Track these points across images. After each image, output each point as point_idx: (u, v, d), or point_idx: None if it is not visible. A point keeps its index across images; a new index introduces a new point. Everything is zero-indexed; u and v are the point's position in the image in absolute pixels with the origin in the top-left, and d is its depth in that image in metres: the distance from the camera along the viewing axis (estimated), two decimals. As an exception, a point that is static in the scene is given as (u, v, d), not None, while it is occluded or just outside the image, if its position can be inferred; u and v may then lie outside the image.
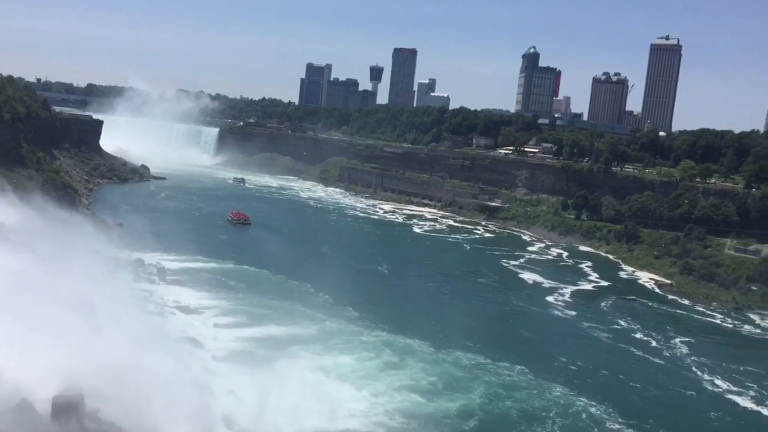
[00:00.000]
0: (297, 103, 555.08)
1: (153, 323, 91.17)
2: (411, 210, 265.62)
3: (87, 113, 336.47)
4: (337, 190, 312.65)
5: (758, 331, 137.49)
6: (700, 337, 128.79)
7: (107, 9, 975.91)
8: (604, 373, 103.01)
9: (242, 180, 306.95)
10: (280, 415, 74.34)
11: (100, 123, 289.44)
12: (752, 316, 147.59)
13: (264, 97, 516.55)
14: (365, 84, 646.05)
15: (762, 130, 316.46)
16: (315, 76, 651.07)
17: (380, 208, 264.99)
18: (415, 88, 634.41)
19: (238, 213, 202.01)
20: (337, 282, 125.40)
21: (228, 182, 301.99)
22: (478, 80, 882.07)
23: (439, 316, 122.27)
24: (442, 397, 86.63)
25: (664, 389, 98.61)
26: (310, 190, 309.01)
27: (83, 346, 60.57)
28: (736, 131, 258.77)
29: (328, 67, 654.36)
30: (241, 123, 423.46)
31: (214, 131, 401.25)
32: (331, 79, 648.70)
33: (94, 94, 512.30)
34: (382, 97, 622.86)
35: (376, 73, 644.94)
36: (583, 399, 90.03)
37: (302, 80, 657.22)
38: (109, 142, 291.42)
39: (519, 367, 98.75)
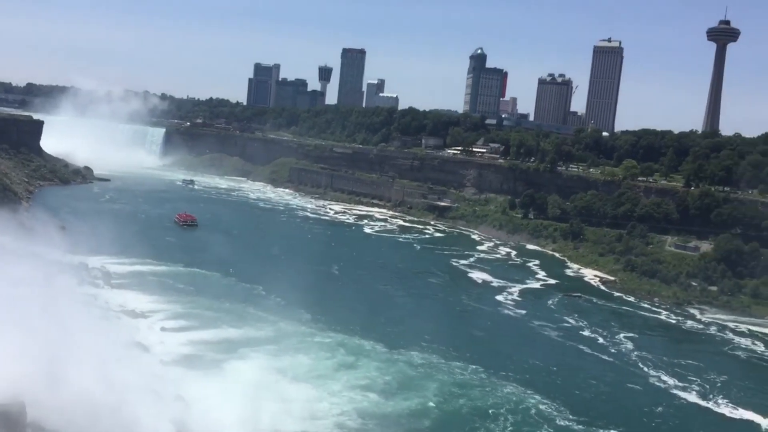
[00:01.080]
0: (245, 103, 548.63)
1: (97, 328, 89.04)
2: (361, 210, 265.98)
3: (27, 113, 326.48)
4: (287, 190, 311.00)
5: (700, 326, 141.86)
6: (644, 333, 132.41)
7: (44, 5, 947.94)
8: (554, 370, 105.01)
9: (191, 182, 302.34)
10: (235, 418, 73.70)
11: (40, 123, 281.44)
12: (692, 310, 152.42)
13: (211, 97, 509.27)
14: (314, 84, 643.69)
15: (700, 130, 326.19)
16: (263, 76, 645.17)
17: (330, 209, 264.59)
18: (364, 88, 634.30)
19: (185, 215, 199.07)
20: (289, 284, 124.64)
21: (176, 184, 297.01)
22: (426, 81, 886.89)
23: (391, 317, 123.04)
24: (397, 397, 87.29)
25: (613, 385, 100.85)
26: (260, 191, 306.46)
27: (23, 355, 58.79)
28: (676, 131, 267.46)
29: (277, 67, 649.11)
30: (188, 123, 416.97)
31: (161, 132, 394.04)
32: (280, 79, 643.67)
33: (34, 93, 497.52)
34: (331, 98, 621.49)
35: (324, 74, 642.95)
36: (534, 396, 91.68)
37: (250, 80, 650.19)
38: (50, 143, 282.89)
39: (472, 366, 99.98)
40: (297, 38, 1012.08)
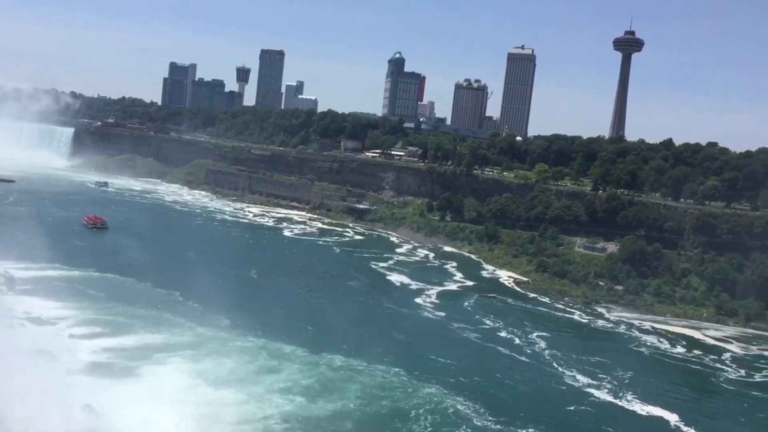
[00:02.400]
0: (160, 103, 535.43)
1: (0, 336, 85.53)
2: (280, 213, 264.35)
3: None
4: (203, 192, 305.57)
5: (608, 324, 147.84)
6: (557, 332, 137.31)
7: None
8: (474, 371, 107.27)
9: (105, 183, 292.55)
10: (151, 424, 72.33)
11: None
12: (600, 309, 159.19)
13: (124, 97, 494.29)
14: (232, 85, 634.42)
15: (607, 135, 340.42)
16: (179, 76, 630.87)
17: (249, 212, 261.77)
18: (283, 90, 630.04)
19: (94, 217, 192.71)
20: (207, 289, 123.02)
21: (88, 186, 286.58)
22: (345, 83, 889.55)
23: (312, 320, 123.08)
24: (320, 400, 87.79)
25: (530, 385, 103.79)
26: (176, 193, 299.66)
27: None
28: (585, 137, 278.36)
29: (193, 66, 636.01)
30: (99, 123, 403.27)
31: (69, 131, 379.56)
32: (196, 79, 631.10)
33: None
34: (249, 99, 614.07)
35: (242, 74, 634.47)
36: (454, 397, 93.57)
37: (165, 80, 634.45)
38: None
39: (393, 368, 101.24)
40: (214, 38, 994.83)
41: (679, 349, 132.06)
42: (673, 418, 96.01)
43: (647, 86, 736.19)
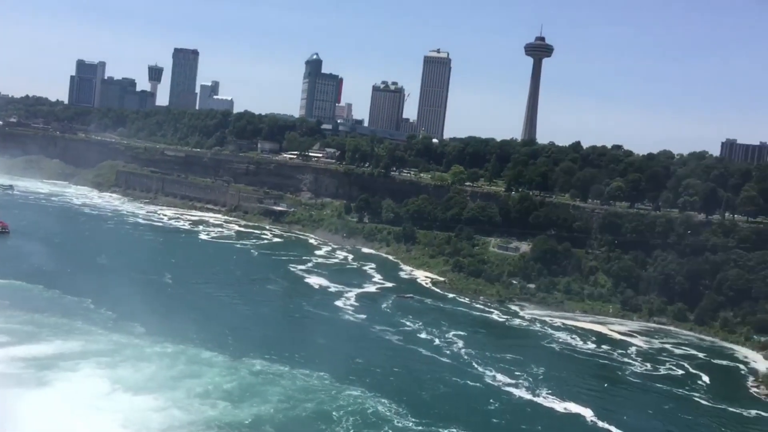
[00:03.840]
0: (66, 102, 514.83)
1: None
2: (195, 216, 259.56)
3: None
4: (114, 195, 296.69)
5: (522, 322, 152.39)
6: (475, 331, 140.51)
7: None
8: (396, 373, 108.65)
9: (11, 187, 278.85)
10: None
11: None
12: (514, 307, 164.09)
13: (28, 95, 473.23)
14: (143, 84, 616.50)
15: (520, 138, 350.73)
16: (87, 74, 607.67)
17: (163, 214, 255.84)
18: (198, 90, 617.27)
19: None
20: (120, 295, 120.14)
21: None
22: (262, 84, 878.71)
23: (231, 325, 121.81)
24: (242, 404, 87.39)
25: (451, 385, 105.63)
26: (85, 195, 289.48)
27: None
28: (499, 139, 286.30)
29: (102, 64, 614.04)
30: (1, 123, 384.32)
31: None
32: (106, 77, 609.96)
33: None
34: (162, 99, 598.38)
35: (155, 74, 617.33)
36: (376, 399, 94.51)
37: (72, 78, 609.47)
38: None
39: (315, 372, 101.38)
40: (124, 35, 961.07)
41: (590, 345, 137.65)
42: (588, 413, 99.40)
43: (557, 90, 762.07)
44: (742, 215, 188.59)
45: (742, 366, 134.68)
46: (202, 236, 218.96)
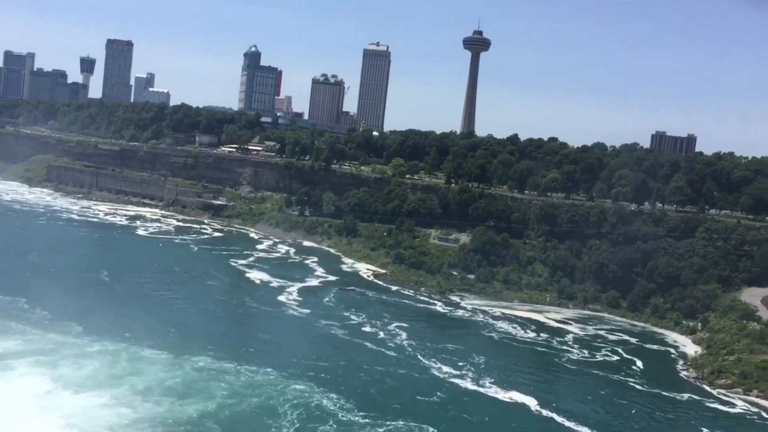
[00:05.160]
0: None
1: None
2: (131, 211, 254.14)
3: None
4: (46, 190, 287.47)
5: (464, 312, 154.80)
6: (418, 323, 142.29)
7: None
8: (342, 367, 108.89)
9: None
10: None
11: None
12: (454, 298, 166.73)
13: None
14: (75, 76, 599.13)
15: (459, 131, 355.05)
16: (14, 65, 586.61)
17: (98, 210, 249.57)
18: (132, 82, 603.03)
19: None
20: (56, 294, 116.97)
21: None
22: (199, 77, 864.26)
23: (172, 322, 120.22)
24: (187, 401, 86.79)
25: (396, 378, 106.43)
26: (15, 191, 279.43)
27: None
28: (438, 132, 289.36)
29: (31, 55, 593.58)
30: None
31: None
32: (35, 69, 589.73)
33: None
34: (96, 91, 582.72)
35: (87, 65, 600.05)
36: (323, 393, 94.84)
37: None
38: None
39: (261, 367, 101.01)
40: (54, 25, 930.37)
41: (529, 333, 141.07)
42: (531, 402, 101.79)
43: (495, 84, 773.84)
44: (671, 205, 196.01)
45: (672, 350, 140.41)
46: (140, 232, 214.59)
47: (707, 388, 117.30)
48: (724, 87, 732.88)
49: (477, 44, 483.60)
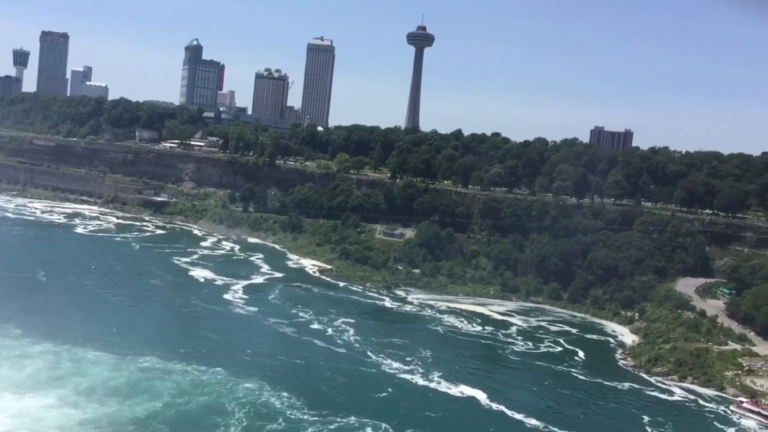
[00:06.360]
0: None
1: None
2: (69, 208, 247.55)
3: None
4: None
5: (410, 307, 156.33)
6: (366, 318, 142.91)
7: None
8: (292, 365, 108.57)
9: None
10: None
11: None
12: (400, 292, 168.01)
13: None
14: (8, 69, 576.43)
15: (404, 126, 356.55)
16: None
17: (34, 208, 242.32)
18: (69, 75, 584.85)
19: None
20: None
21: None
22: (139, 70, 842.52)
23: (115, 322, 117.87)
24: (130, 401, 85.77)
25: (347, 375, 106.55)
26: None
27: None
28: (383, 127, 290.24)
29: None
30: None
31: None
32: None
33: None
34: (30, 85, 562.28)
35: (21, 58, 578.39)
36: (272, 392, 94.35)
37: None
38: None
39: (208, 367, 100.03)
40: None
41: (475, 327, 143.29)
42: (481, 395, 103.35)
43: (439, 79, 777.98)
44: (610, 198, 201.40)
45: (611, 339, 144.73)
46: (79, 230, 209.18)
47: (645, 376, 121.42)
48: (659, 83, 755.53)
49: (421, 40, 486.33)
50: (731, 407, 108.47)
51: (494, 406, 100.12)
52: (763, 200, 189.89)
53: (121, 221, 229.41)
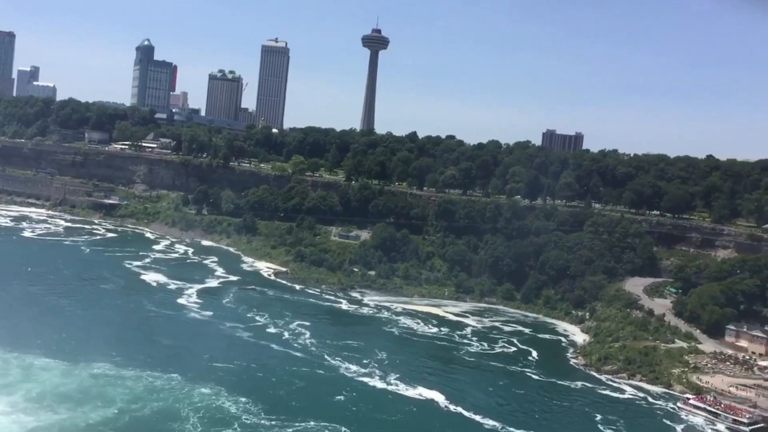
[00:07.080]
0: None
1: None
2: (15, 211, 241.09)
3: None
4: None
5: (366, 309, 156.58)
6: (322, 321, 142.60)
7: None
8: (249, 370, 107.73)
9: None
10: None
11: None
12: (355, 294, 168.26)
13: None
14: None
15: (359, 128, 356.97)
16: None
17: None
18: (15, 75, 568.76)
19: None
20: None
21: None
22: (88, 70, 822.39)
23: (65, 329, 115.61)
24: (83, 407, 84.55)
25: (305, 379, 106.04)
26: None
27: None
28: (338, 129, 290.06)
29: None
30: None
31: None
32: None
33: None
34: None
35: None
36: (229, 397, 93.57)
37: None
38: None
39: (162, 372, 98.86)
40: None
41: (431, 328, 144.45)
42: (439, 397, 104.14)
43: (394, 82, 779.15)
44: (561, 200, 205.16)
45: (563, 339, 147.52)
46: (26, 233, 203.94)
47: (596, 374, 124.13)
48: (608, 86, 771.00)
49: (376, 42, 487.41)
50: (678, 404, 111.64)
51: (452, 407, 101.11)
52: (707, 202, 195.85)
53: (70, 224, 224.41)
